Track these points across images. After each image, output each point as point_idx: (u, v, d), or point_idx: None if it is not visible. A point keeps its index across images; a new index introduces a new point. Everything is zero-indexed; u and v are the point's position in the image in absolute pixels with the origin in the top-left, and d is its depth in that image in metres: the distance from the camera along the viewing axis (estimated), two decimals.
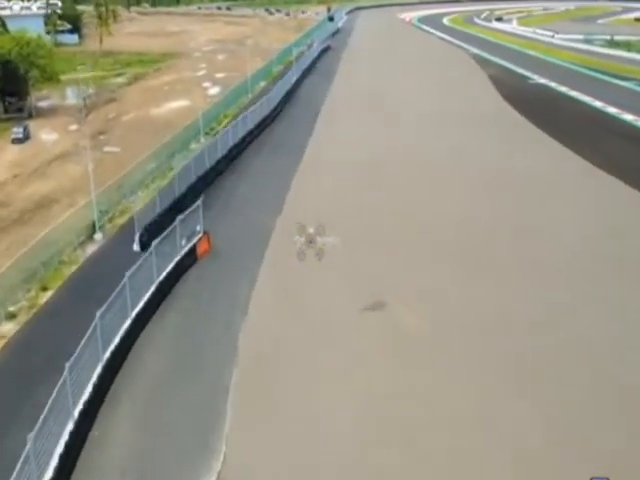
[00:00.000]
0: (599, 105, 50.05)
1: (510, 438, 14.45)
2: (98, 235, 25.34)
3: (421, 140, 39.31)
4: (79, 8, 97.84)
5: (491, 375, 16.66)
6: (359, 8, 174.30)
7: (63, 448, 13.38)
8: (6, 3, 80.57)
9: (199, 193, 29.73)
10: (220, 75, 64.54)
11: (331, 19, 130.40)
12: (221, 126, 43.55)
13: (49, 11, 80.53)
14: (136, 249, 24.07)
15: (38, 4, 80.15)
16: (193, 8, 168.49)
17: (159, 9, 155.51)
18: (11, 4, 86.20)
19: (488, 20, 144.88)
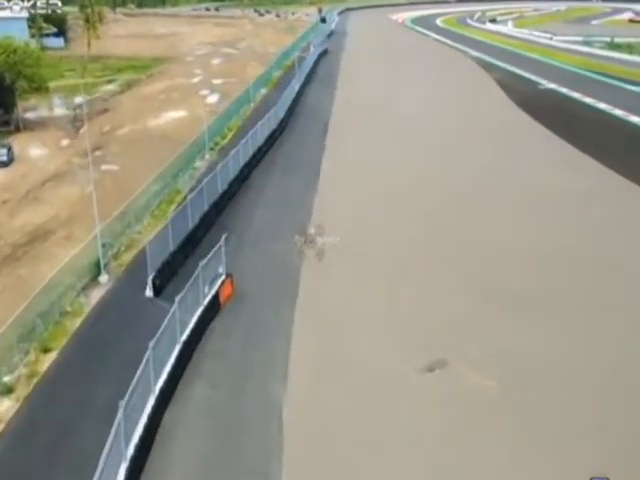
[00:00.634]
0: (620, 114, 47.81)
1: None
2: (104, 277, 22.19)
3: (447, 160, 35.86)
4: (63, 9, 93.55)
5: None
6: (349, 9, 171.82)
7: None
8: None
9: (212, 222, 26.88)
10: (217, 81, 61.33)
11: (323, 20, 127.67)
12: (226, 140, 40.53)
13: (34, 12, 76.32)
14: (149, 295, 21.10)
15: (23, 4, 75.59)
16: (181, 9, 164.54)
17: (145, 10, 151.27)
18: None
19: (481, 21, 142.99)
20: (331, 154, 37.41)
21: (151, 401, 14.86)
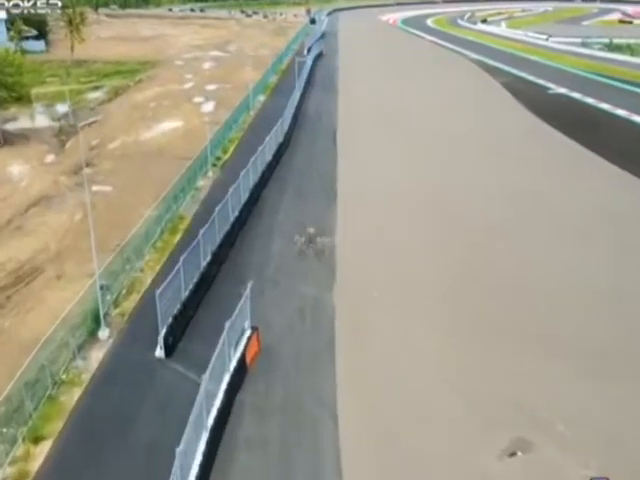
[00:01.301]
0: (639, 120, 45.36)
1: None
2: (104, 332, 18.65)
3: (470, 180, 32.06)
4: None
5: None
6: (337, 10, 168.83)
7: None
8: None
9: (225, 257, 23.48)
10: (211, 87, 57.76)
11: (313, 22, 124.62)
12: (228, 155, 37.05)
13: (14, 12, 71.74)
14: (159, 355, 17.65)
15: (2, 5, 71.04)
16: (166, 10, 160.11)
17: (129, 11, 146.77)
18: None
19: (472, 22, 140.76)
20: (345, 168, 34.11)
21: None
